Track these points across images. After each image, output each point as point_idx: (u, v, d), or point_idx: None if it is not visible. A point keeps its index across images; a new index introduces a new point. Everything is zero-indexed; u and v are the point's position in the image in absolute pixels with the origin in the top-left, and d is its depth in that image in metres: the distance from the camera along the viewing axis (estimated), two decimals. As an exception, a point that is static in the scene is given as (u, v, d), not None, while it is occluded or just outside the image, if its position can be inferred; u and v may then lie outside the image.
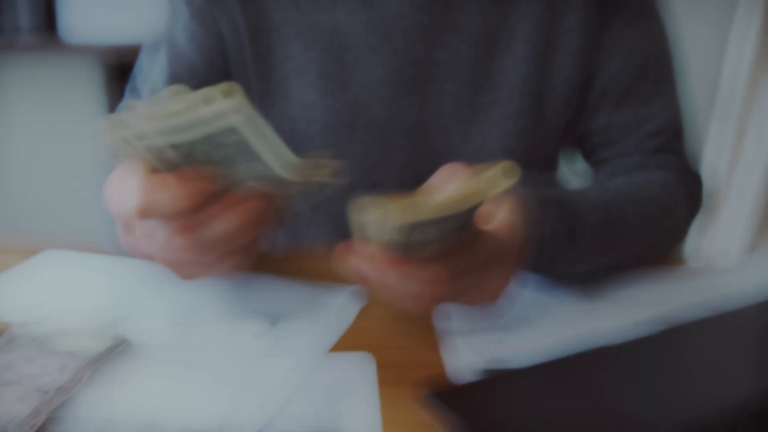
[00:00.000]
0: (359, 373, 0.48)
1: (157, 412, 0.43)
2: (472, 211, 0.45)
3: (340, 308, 0.57)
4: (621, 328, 0.54)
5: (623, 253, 0.63)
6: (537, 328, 0.55)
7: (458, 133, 0.74)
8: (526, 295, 0.60)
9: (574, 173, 0.84)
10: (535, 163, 0.77)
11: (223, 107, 0.40)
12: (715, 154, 1.82)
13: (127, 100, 0.78)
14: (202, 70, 0.74)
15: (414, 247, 0.45)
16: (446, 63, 0.72)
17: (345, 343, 0.52)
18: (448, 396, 0.44)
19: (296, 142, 0.75)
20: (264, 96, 0.75)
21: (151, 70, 0.76)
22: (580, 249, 0.58)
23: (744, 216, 1.79)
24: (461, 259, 0.47)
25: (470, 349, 0.52)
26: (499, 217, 0.52)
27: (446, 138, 0.74)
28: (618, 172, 0.75)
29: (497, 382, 0.47)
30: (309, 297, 0.59)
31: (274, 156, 0.43)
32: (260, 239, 0.50)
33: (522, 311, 0.57)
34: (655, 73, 0.75)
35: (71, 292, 0.61)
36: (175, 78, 0.74)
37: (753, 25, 1.70)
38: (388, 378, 0.48)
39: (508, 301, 0.55)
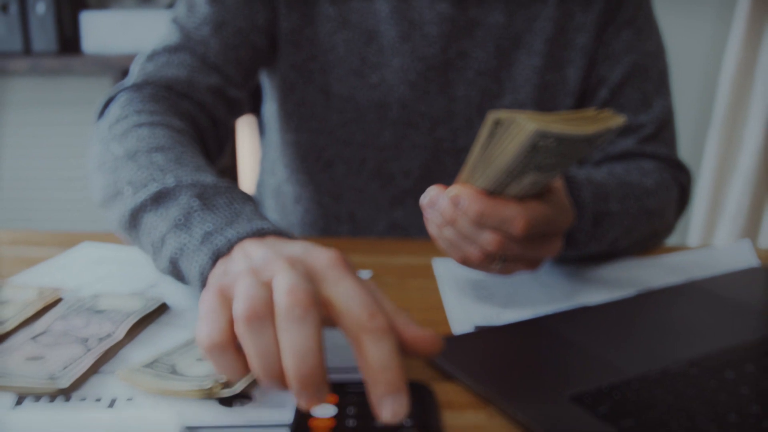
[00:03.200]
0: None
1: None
2: (590, 142, 0.46)
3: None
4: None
5: (620, 237, 0.69)
6: (526, 301, 0.62)
7: (477, 119, 0.82)
8: (514, 277, 0.67)
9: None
10: None
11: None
12: (708, 160, 1.88)
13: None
14: (243, 22, 0.77)
15: (523, 171, 0.47)
16: (471, 54, 0.80)
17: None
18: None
19: (332, 118, 0.82)
20: (293, 68, 0.82)
21: (192, 10, 0.77)
22: (572, 224, 0.63)
23: (729, 222, 1.85)
24: (538, 207, 0.51)
25: (466, 314, 0.59)
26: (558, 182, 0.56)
27: (467, 122, 0.82)
28: (611, 159, 0.82)
29: (486, 335, 0.54)
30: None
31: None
32: None
33: (510, 291, 0.64)
34: (654, 79, 0.82)
35: (110, 269, 0.68)
36: (218, 21, 0.76)
37: (737, 31, 1.78)
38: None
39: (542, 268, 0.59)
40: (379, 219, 0.87)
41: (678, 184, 0.81)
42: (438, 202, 0.53)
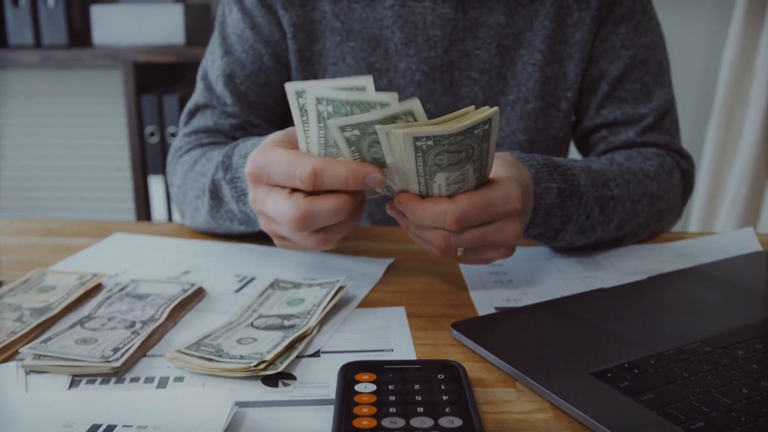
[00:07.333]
0: (397, 319, 0.58)
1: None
2: (467, 134, 0.49)
3: (371, 274, 0.68)
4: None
5: (625, 221, 0.72)
6: (543, 285, 0.65)
7: None
8: (532, 264, 0.70)
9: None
10: (546, 142, 0.87)
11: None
12: (709, 147, 1.91)
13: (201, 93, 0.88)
14: (251, 67, 0.84)
15: (430, 172, 0.51)
16: (474, 54, 0.83)
17: (387, 301, 0.63)
18: (466, 325, 0.55)
19: None
20: (307, 79, 0.85)
21: (212, 65, 0.86)
22: (574, 210, 0.65)
23: (728, 206, 1.88)
24: (467, 199, 0.53)
25: (487, 297, 0.62)
26: (501, 170, 0.58)
27: None
28: (613, 149, 0.85)
29: (509, 315, 0.57)
30: (352, 265, 0.70)
31: None
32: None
33: (529, 277, 0.68)
34: (653, 71, 0.85)
35: (143, 257, 0.71)
36: (228, 73, 0.84)
37: (737, 19, 1.80)
38: (419, 320, 0.58)
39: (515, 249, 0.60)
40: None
41: (680, 169, 0.83)
42: (392, 213, 0.58)
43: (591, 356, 0.50)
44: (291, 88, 0.52)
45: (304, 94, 0.52)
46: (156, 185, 1.90)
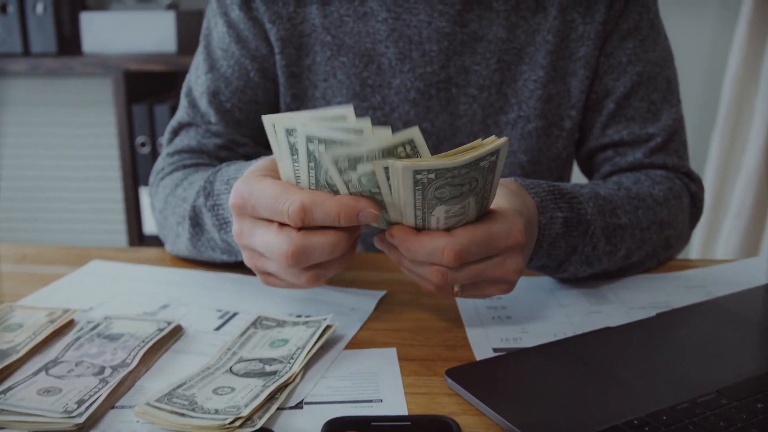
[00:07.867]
0: (388, 362, 0.54)
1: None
2: (472, 166, 0.46)
3: (361, 309, 0.64)
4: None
5: (633, 250, 0.68)
6: (545, 321, 0.61)
7: (483, 135, 0.80)
8: (532, 297, 0.66)
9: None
10: (548, 163, 0.83)
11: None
12: (712, 160, 1.87)
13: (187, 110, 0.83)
14: (237, 83, 0.80)
15: (429, 205, 0.47)
16: (472, 70, 0.79)
17: (377, 341, 0.58)
18: (461, 373, 0.50)
19: None
20: (294, 99, 0.81)
21: (197, 81, 0.82)
22: (580, 240, 0.61)
23: (732, 219, 1.84)
24: (467, 234, 0.50)
25: (485, 335, 0.58)
26: (504, 199, 0.54)
27: (472, 138, 0.80)
28: (619, 171, 0.81)
29: (509, 360, 0.53)
30: (342, 298, 0.66)
31: None
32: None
33: (529, 311, 0.63)
34: (661, 88, 0.80)
35: (121, 289, 0.67)
36: (213, 89, 0.80)
37: (741, 30, 1.76)
38: (411, 363, 0.54)
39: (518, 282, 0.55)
40: None
41: (689, 193, 0.79)
42: (382, 247, 0.54)
43: (598, 410, 0.46)
44: (278, 124, 0.48)
45: (294, 132, 0.47)
46: (147, 197, 1.85)
